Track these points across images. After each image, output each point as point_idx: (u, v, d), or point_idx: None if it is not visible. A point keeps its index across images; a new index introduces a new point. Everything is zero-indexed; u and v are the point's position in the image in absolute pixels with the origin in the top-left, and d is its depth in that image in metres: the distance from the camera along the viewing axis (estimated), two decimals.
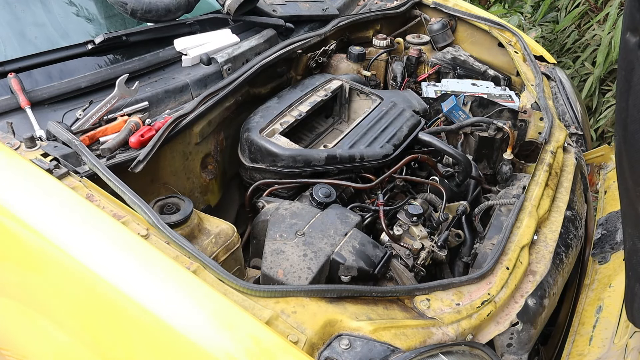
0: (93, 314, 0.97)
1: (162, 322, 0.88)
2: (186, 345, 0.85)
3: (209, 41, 1.68)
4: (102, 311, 0.94)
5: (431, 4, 2.45)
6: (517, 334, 1.05)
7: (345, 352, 0.88)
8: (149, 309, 0.88)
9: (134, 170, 1.17)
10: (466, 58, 2.27)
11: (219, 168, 1.60)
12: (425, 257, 1.36)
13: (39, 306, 1.07)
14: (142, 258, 0.94)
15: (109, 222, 0.97)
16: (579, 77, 3.47)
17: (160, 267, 0.92)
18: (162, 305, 0.88)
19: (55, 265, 0.99)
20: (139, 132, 1.26)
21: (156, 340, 0.89)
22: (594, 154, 1.63)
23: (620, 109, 0.79)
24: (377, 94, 1.77)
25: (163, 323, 0.88)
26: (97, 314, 0.96)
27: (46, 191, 1.02)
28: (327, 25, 2.01)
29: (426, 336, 0.95)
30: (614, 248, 1.30)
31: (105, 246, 0.95)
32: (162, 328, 0.88)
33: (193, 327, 0.86)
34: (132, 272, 0.92)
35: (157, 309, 0.88)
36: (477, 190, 1.64)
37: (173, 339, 0.87)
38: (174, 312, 0.88)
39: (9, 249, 1.07)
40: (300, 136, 1.72)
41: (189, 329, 0.86)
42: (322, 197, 1.38)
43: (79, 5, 1.69)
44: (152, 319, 0.88)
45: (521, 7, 4.13)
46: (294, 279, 1.09)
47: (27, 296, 1.09)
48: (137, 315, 0.90)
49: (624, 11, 0.73)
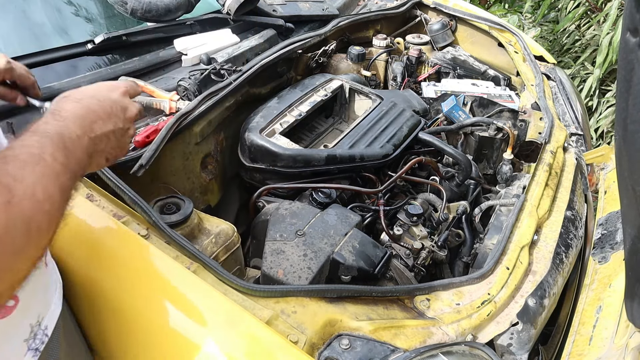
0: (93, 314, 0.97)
1: (162, 321, 0.88)
2: (186, 344, 0.85)
3: (209, 41, 1.68)
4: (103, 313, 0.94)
5: (431, 4, 2.45)
6: (517, 334, 1.05)
7: (346, 352, 0.88)
8: (150, 309, 0.89)
9: (135, 174, 1.18)
10: (466, 58, 2.27)
11: (219, 168, 1.60)
12: (425, 257, 1.36)
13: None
14: (143, 258, 0.94)
15: (110, 222, 0.97)
16: (579, 77, 3.47)
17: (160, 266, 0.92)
18: (162, 305, 0.89)
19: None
20: (145, 131, 1.26)
21: (156, 339, 0.89)
22: (594, 154, 1.63)
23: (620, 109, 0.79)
24: (377, 94, 1.77)
25: (163, 323, 0.88)
26: (97, 314, 0.96)
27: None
28: (327, 25, 2.01)
29: (426, 336, 0.95)
30: (614, 248, 1.29)
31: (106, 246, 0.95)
32: (163, 327, 0.88)
33: (193, 326, 0.86)
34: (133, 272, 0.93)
35: (157, 309, 0.88)
36: (477, 190, 1.64)
37: (173, 339, 0.87)
38: (174, 311, 0.88)
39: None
40: (300, 136, 1.72)
41: (189, 329, 0.86)
42: (322, 197, 1.38)
43: (79, 5, 1.69)
44: (153, 318, 0.88)
45: (521, 7, 4.13)
46: (294, 279, 1.09)
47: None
48: (137, 314, 0.90)
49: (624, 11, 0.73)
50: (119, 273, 0.92)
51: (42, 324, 0.79)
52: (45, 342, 0.79)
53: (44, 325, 0.80)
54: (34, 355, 0.77)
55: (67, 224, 0.97)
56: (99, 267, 0.93)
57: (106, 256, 0.94)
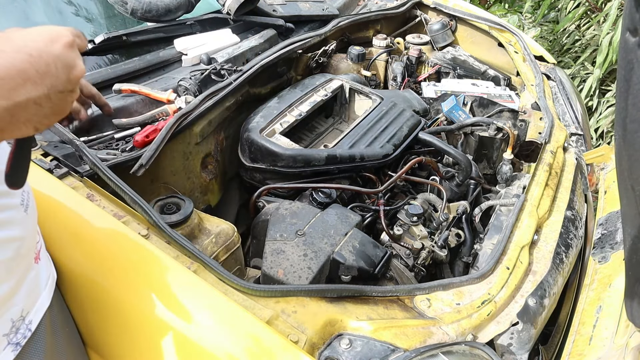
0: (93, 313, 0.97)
1: (162, 321, 0.88)
2: (186, 344, 0.85)
3: (209, 41, 1.68)
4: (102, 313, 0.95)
5: (431, 4, 2.45)
6: (517, 333, 1.05)
7: (346, 351, 0.88)
8: (150, 309, 0.89)
9: (135, 174, 1.18)
10: (466, 58, 2.27)
11: (219, 168, 1.60)
12: (425, 257, 1.36)
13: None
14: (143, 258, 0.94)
15: (110, 221, 0.97)
16: (579, 77, 3.47)
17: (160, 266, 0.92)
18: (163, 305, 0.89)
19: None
20: (144, 131, 1.26)
21: (157, 339, 0.89)
22: (594, 154, 1.63)
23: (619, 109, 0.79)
24: (377, 94, 1.77)
25: (164, 322, 0.88)
26: (97, 313, 0.96)
27: (46, 191, 1.02)
28: (327, 25, 2.02)
29: (426, 336, 0.95)
30: (614, 248, 1.30)
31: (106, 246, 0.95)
32: (163, 327, 0.88)
33: (193, 326, 0.86)
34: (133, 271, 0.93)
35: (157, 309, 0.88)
36: (477, 190, 1.65)
37: (173, 339, 0.87)
38: (175, 311, 0.88)
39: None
40: (300, 136, 1.72)
41: (190, 329, 0.86)
42: (323, 197, 1.38)
43: (79, 5, 1.69)
44: (153, 318, 0.88)
45: (521, 7, 4.13)
46: (295, 279, 1.09)
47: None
48: (137, 314, 0.90)
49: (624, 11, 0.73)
50: (119, 273, 0.93)
51: (26, 319, 0.79)
52: (27, 337, 0.79)
53: (28, 320, 0.79)
54: (14, 349, 0.77)
55: (67, 224, 0.98)
56: (99, 267, 0.93)
57: (106, 256, 0.94)
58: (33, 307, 0.81)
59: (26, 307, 0.79)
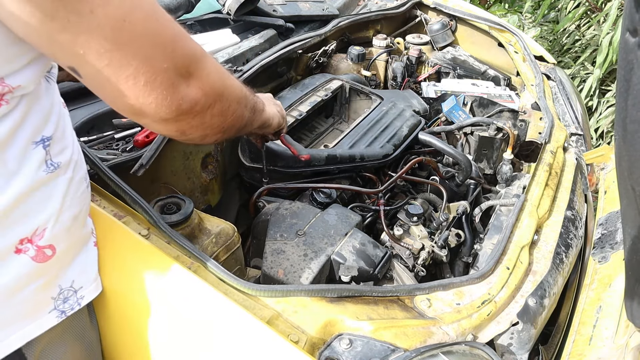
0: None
1: (162, 321, 0.88)
2: (187, 344, 0.85)
3: (209, 41, 1.68)
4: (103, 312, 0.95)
5: (431, 4, 2.45)
6: (518, 333, 1.05)
7: (346, 351, 0.88)
8: (150, 309, 0.89)
9: (136, 174, 1.18)
10: (466, 58, 2.27)
11: (219, 168, 1.60)
12: (425, 257, 1.36)
13: None
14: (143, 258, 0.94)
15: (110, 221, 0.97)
16: (579, 77, 3.47)
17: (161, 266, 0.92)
18: (163, 304, 0.89)
19: None
20: (144, 131, 1.26)
21: (157, 339, 0.89)
22: (594, 154, 1.63)
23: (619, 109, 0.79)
24: (377, 94, 1.77)
25: (163, 322, 0.88)
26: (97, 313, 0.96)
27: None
28: (327, 25, 2.02)
29: (426, 336, 0.95)
30: (614, 248, 1.30)
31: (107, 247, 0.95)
32: (163, 327, 0.88)
33: (193, 326, 0.86)
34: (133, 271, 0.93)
35: (157, 309, 0.89)
36: (477, 190, 1.65)
37: (173, 339, 0.87)
38: (175, 311, 0.88)
39: None
40: (300, 136, 1.72)
41: (190, 328, 0.86)
42: (323, 197, 1.39)
43: None
44: (153, 318, 0.88)
45: (521, 7, 4.13)
46: (295, 279, 1.10)
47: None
48: (137, 314, 0.90)
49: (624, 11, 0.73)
50: (119, 273, 0.93)
51: (78, 292, 0.83)
52: (74, 310, 0.82)
53: (80, 294, 0.83)
54: (58, 316, 0.80)
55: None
56: (99, 267, 0.93)
57: (106, 256, 0.94)
58: (86, 283, 0.85)
59: (77, 280, 0.83)
